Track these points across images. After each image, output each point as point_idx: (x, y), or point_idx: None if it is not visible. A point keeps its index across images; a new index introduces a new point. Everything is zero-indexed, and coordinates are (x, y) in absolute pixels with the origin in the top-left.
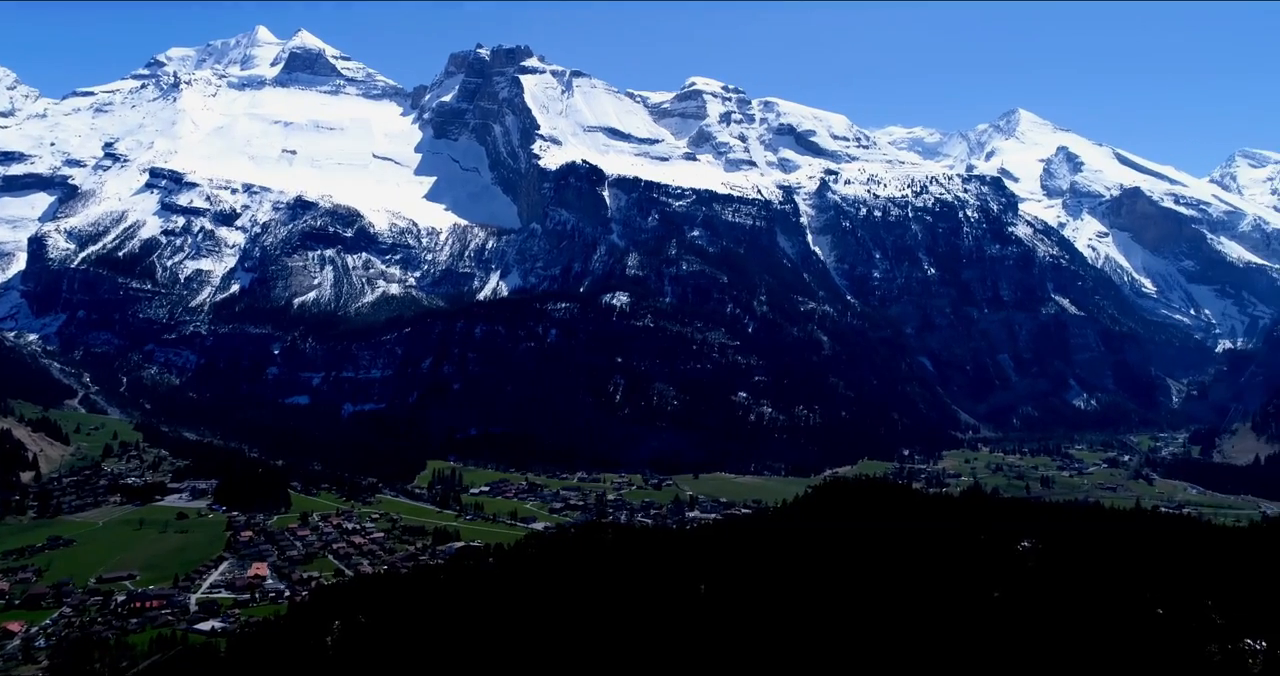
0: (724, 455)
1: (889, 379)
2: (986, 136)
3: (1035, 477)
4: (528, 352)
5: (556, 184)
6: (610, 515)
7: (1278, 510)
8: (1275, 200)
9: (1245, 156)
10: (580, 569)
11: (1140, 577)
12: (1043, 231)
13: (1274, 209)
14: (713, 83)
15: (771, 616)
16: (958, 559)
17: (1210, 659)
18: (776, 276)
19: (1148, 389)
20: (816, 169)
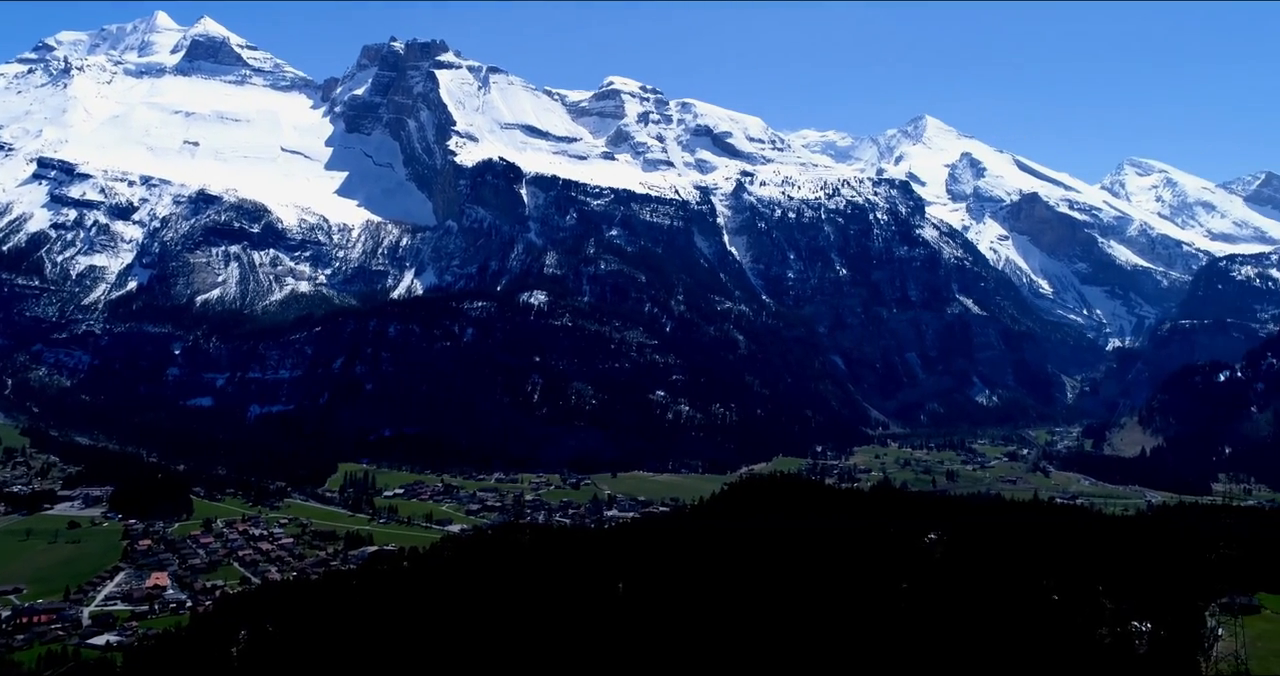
0: (642, 454)
1: (803, 377)
2: (895, 141)
3: (941, 472)
4: (443, 352)
5: (473, 181)
6: (528, 516)
7: (1162, 499)
8: (1159, 207)
9: (1133, 165)
10: (497, 570)
11: (1038, 566)
12: (948, 234)
13: (1158, 215)
14: (631, 82)
15: (689, 613)
16: (868, 552)
17: (1101, 641)
18: (694, 276)
19: (1045, 385)
20: (733, 170)
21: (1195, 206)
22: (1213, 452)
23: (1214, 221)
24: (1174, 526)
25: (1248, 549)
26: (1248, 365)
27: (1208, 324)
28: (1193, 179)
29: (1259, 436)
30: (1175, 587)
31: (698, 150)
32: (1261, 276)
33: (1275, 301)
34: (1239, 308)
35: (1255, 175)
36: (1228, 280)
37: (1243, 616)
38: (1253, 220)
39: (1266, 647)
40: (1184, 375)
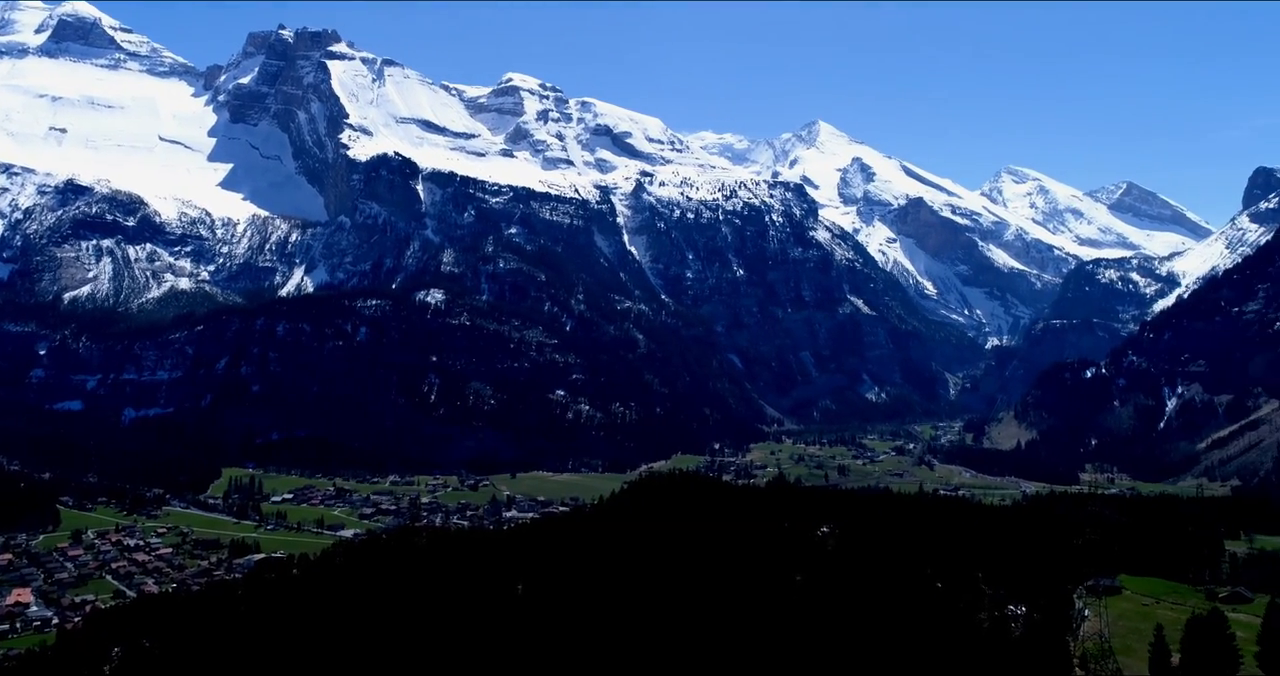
0: (542, 453)
1: (701, 376)
2: (790, 145)
3: (833, 466)
4: (335, 352)
5: (367, 176)
6: (424, 518)
7: (1035, 489)
8: (1033, 213)
9: (1010, 173)
10: (393, 575)
11: (923, 555)
12: (840, 236)
13: (1032, 221)
14: (530, 79)
15: (589, 612)
16: (764, 547)
17: (981, 626)
18: (594, 275)
19: (929, 383)
20: (633, 170)
21: (1065, 213)
22: (1080, 444)
23: (1082, 227)
24: (1046, 514)
25: (1111, 534)
26: (1111, 362)
27: (1076, 324)
28: (1063, 187)
29: (1121, 429)
30: (1047, 572)
31: (598, 149)
32: (1123, 279)
33: (1135, 303)
34: (1104, 309)
35: (1118, 185)
36: (1094, 283)
37: (1106, 597)
38: (1116, 227)
39: (1127, 626)
40: (1055, 372)
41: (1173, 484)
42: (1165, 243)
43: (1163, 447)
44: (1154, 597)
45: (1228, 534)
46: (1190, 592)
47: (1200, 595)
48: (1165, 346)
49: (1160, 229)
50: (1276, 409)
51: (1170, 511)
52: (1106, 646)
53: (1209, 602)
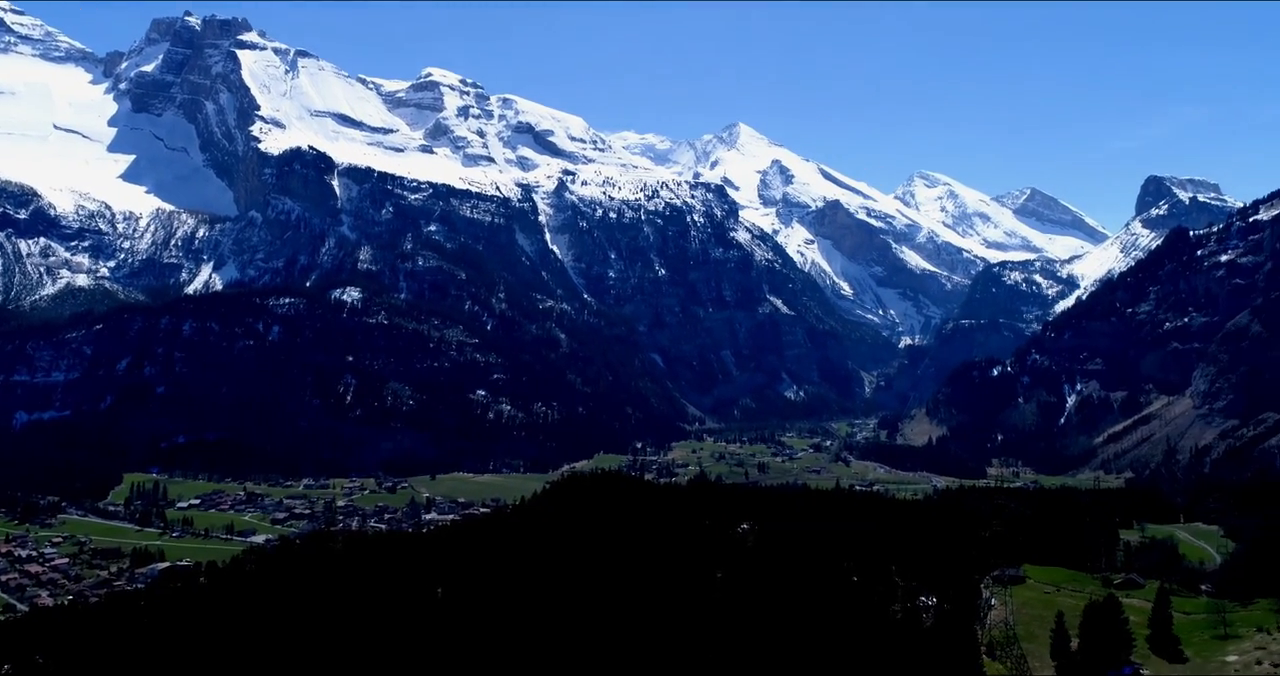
0: (462, 454)
1: (623, 375)
2: (711, 147)
3: (753, 464)
4: (246, 352)
5: (280, 170)
6: (341, 522)
7: (945, 483)
8: (944, 216)
9: (922, 177)
10: (308, 582)
11: (839, 549)
12: (760, 237)
13: (943, 224)
14: (450, 75)
15: (511, 613)
16: (685, 544)
17: (894, 617)
18: (515, 274)
19: (846, 381)
20: (555, 169)
21: (974, 217)
22: (988, 440)
23: (989, 231)
24: (955, 508)
25: (1016, 526)
26: (1016, 361)
27: (984, 324)
28: (972, 192)
29: (1025, 425)
30: (956, 564)
31: (519, 147)
32: (1027, 281)
33: (1038, 304)
34: (1009, 309)
35: (1022, 191)
36: (1000, 284)
37: (1011, 587)
38: (1020, 230)
39: (1030, 613)
40: (964, 371)
41: (1072, 476)
42: (1066, 246)
43: (1063, 442)
44: (1055, 586)
45: (1122, 523)
46: (1088, 580)
47: (1097, 582)
48: (1066, 345)
49: (1061, 233)
50: (1166, 405)
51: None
52: (1012, 634)
53: (1105, 589)
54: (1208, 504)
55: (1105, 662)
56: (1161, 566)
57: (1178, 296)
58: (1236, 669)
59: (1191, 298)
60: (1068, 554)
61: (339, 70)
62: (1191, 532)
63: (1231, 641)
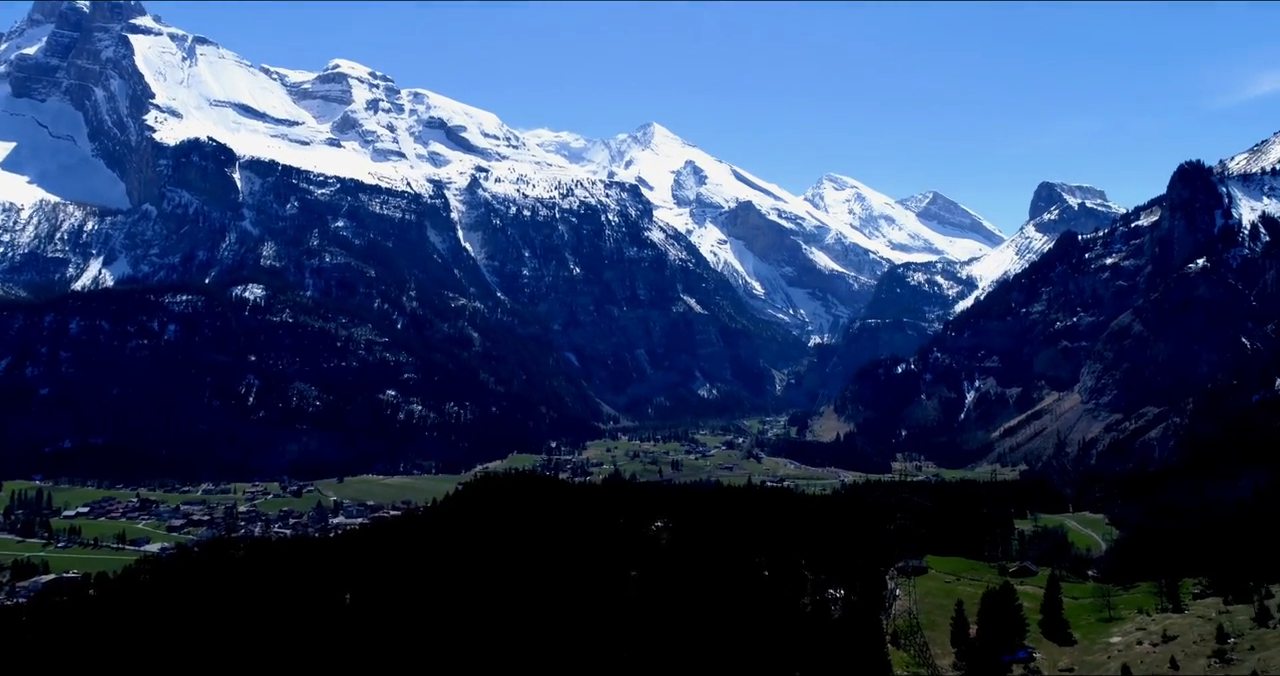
0: (371, 456)
1: (537, 374)
2: (626, 146)
3: (667, 462)
4: (139, 352)
5: (176, 161)
6: (243, 528)
7: (853, 478)
8: (851, 218)
9: (830, 180)
10: (207, 591)
11: (751, 545)
12: (674, 237)
13: (851, 226)
14: (359, 67)
15: (423, 617)
16: (600, 543)
17: (804, 610)
18: (427, 271)
19: (757, 379)
20: (467, 165)
21: (879, 219)
22: (893, 435)
23: (894, 233)
24: (862, 502)
25: (919, 518)
26: (919, 359)
27: (889, 323)
28: (878, 195)
29: (928, 420)
30: (863, 556)
31: (431, 142)
32: (930, 282)
33: (940, 304)
34: (913, 309)
35: (925, 194)
36: (904, 285)
37: (915, 577)
38: (923, 233)
39: (933, 602)
40: (870, 368)
41: (971, 470)
42: (965, 248)
43: (963, 437)
44: (955, 575)
45: (1017, 514)
46: (986, 569)
47: (994, 570)
48: (965, 344)
49: (961, 236)
50: (1056, 400)
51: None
52: (915, 622)
53: (1001, 577)
54: (1094, 494)
55: (1001, 647)
56: (1053, 554)
57: (1067, 297)
58: (1120, 649)
59: (1080, 298)
60: (967, 544)
61: (241, 59)
62: (1080, 521)
63: (1115, 623)
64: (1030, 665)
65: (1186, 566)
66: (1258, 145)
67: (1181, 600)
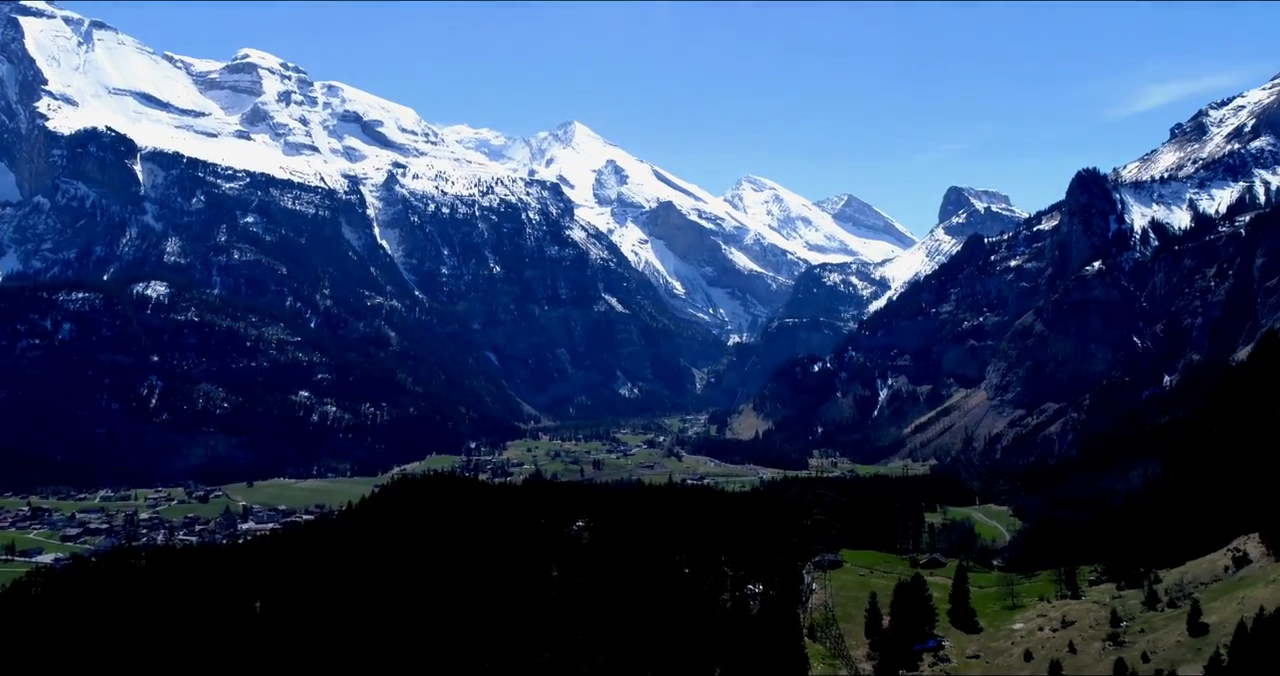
0: (283, 459)
1: (456, 374)
2: (547, 144)
3: (588, 461)
4: (31, 352)
5: (72, 151)
6: (145, 537)
7: (771, 475)
8: (770, 220)
9: (749, 181)
10: (106, 603)
11: (672, 542)
12: (595, 236)
13: (769, 227)
14: (270, 57)
15: (339, 623)
16: (520, 543)
17: (723, 606)
18: (341, 269)
19: (678, 378)
20: (384, 161)
21: (797, 221)
22: (809, 432)
23: (811, 234)
24: (779, 498)
25: (834, 513)
26: (835, 358)
27: (806, 322)
28: (795, 197)
29: (843, 417)
30: (780, 552)
31: (346, 137)
32: (845, 282)
33: (855, 304)
34: (829, 308)
35: (840, 196)
36: (821, 285)
37: (830, 571)
38: (839, 234)
39: (847, 595)
40: (788, 367)
41: (884, 465)
42: (879, 250)
43: (876, 433)
44: (869, 568)
45: (927, 508)
46: (898, 561)
47: (906, 563)
48: (878, 343)
49: (875, 237)
50: (964, 397)
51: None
52: (831, 615)
53: (913, 569)
54: (999, 487)
55: (913, 637)
56: (961, 546)
57: (974, 298)
58: (1022, 635)
59: (986, 299)
60: (880, 537)
61: (142, 46)
62: (986, 513)
63: (1019, 610)
64: (939, 653)
65: (1083, 554)
66: (1148, 154)
67: (1079, 587)
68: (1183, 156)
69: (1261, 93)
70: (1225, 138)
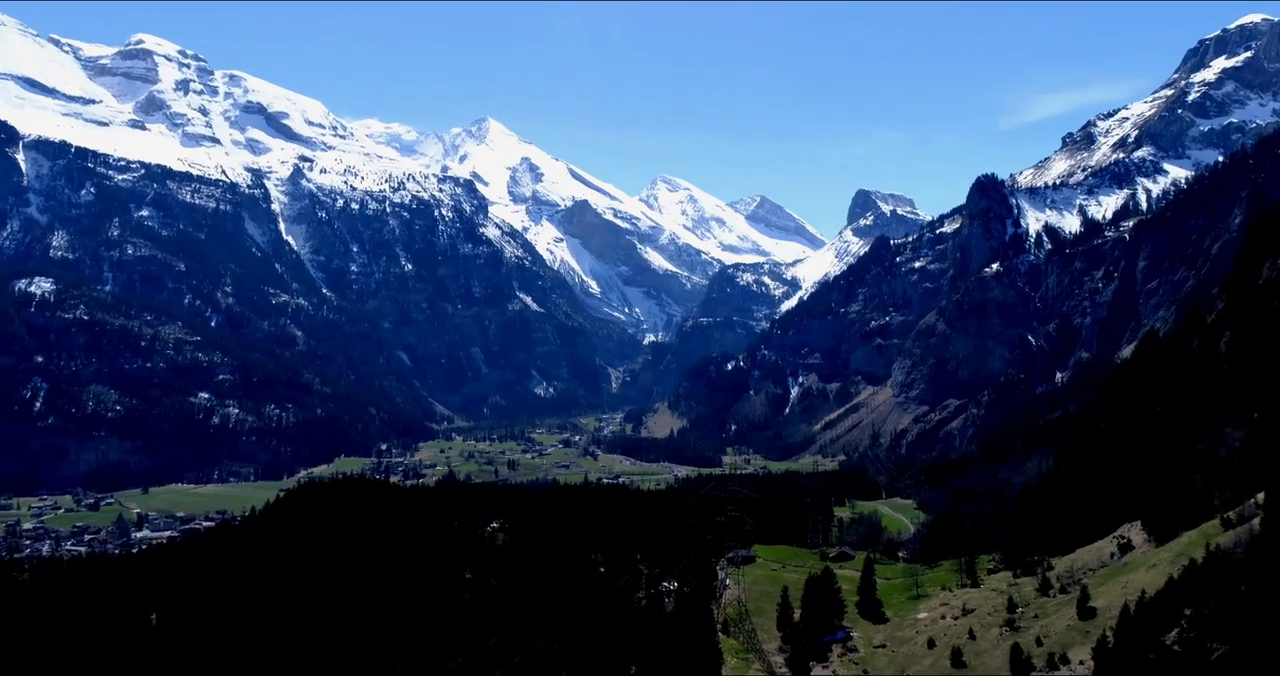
0: (182, 464)
1: (367, 373)
2: (460, 140)
3: (503, 462)
4: None
5: None
6: (28, 548)
7: (686, 473)
8: (684, 220)
9: (664, 181)
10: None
11: (588, 542)
12: (509, 234)
13: (684, 227)
14: (167, 44)
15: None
16: (433, 546)
17: (639, 604)
18: (245, 266)
19: (594, 377)
20: (290, 154)
21: (711, 221)
22: (723, 430)
23: (724, 235)
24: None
25: (747, 509)
26: (748, 356)
27: (720, 321)
28: (709, 197)
29: (756, 415)
30: (695, 549)
31: (249, 128)
32: (757, 282)
33: (767, 303)
34: (742, 308)
35: (753, 198)
36: (734, 285)
37: (744, 566)
38: (752, 235)
39: (760, 590)
40: (702, 366)
41: (795, 461)
42: (790, 251)
43: (788, 430)
44: (781, 563)
45: (837, 502)
46: (809, 555)
47: (816, 557)
48: (790, 342)
49: (786, 238)
50: (872, 394)
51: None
52: (744, 610)
53: (823, 563)
54: (904, 481)
55: (823, 629)
56: (868, 539)
57: (881, 298)
58: (926, 623)
59: (892, 299)
60: (792, 532)
61: (25, 27)
62: (892, 507)
63: (922, 600)
64: (848, 644)
65: (983, 545)
66: (1041, 162)
67: (979, 576)
68: (1073, 164)
69: (1144, 105)
70: (1111, 147)
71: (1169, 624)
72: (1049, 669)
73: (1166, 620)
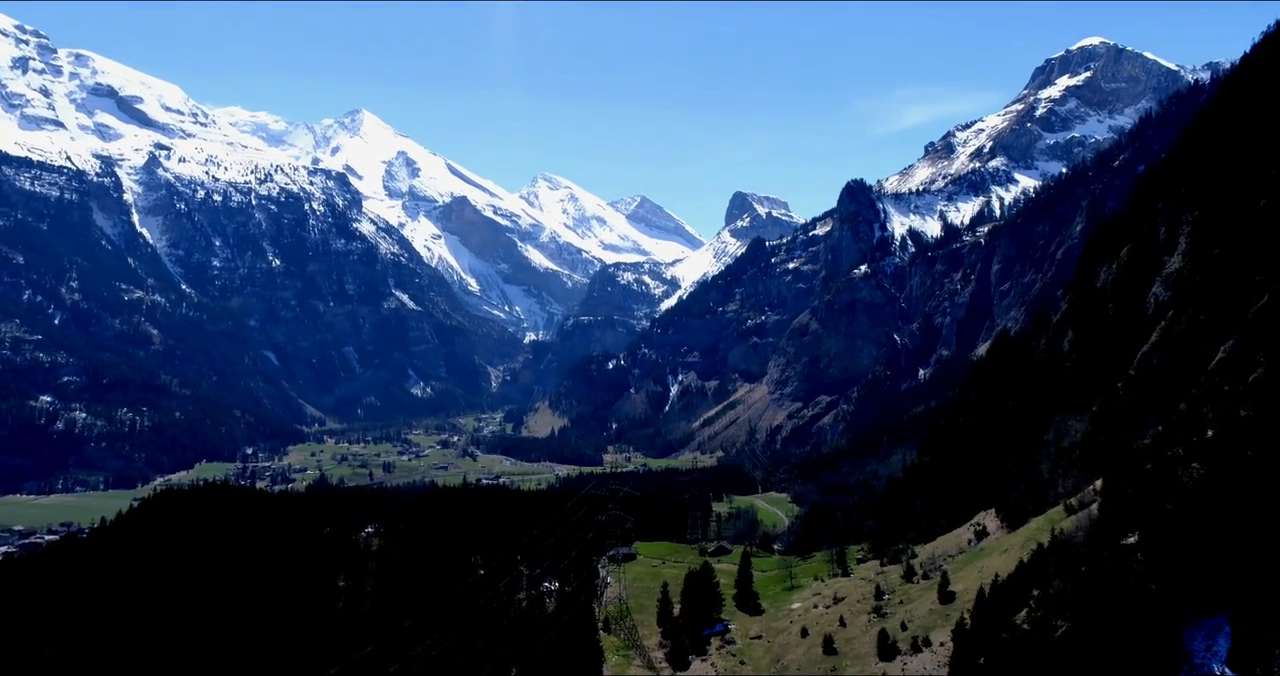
0: (21, 473)
1: (230, 374)
2: (333, 132)
3: (378, 464)
4: None
5: None
6: None
7: (567, 472)
8: (565, 218)
9: (545, 179)
10: None
11: (467, 544)
12: (385, 230)
13: (565, 225)
14: (3, 18)
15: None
16: (303, 554)
17: (520, 605)
18: (93, 260)
19: (473, 376)
20: (145, 141)
21: (592, 220)
22: (604, 428)
23: (605, 234)
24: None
25: (628, 507)
26: (629, 355)
27: (601, 320)
28: (590, 196)
29: (636, 413)
30: (576, 548)
31: (98, 112)
32: (638, 281)
33: (647, 302)
34: (623, 306)
35: (634, 197)
36: (615, 284)
37: (625, 564)
38: (632, 234)
39: (641, 586)
40: (583, 364)
41: (675, 458)
42: (670, 251)
43: (668, 427)
44: (661, 559)
45: (715, 497)
46: (689, 551)
47: (696, 552)
48: (670, 340)
49: (666, 238)
50: (748, 391)
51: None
52: (625, 608)
53: (702, 558)
54: (779, 476)
55: (702, 622)
56: (746, 533)
57: (757, 298)
58: (800, 613)
59: (767, 298)
60: (672, 529)
61: None
62: (768, 501)
63: (796, 591)
64: (726, 636)
65: (853, 535)
66: (906, 169)
67: (849, 565)
68: (935, 172)
69: (998, 118)
70: (969, 157)
71: (1019, 605)
72: (913, 652)
73: (1016, 601)
